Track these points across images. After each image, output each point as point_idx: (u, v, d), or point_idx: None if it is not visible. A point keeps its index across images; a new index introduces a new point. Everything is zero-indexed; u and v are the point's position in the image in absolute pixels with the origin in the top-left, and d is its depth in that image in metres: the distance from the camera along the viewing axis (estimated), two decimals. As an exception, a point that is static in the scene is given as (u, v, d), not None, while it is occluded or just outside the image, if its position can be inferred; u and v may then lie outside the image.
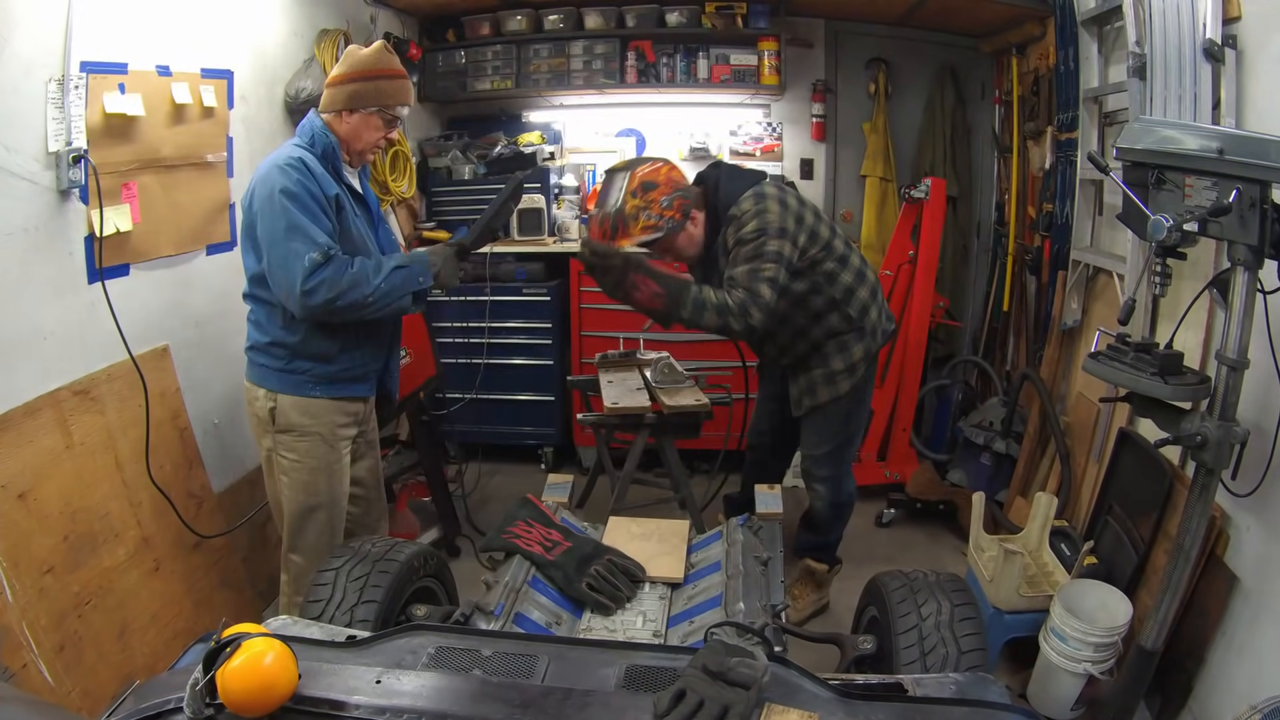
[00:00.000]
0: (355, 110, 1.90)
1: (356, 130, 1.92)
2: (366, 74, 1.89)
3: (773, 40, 3.57)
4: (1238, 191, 1.44)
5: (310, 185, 1.81)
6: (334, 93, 1.91)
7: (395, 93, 1.93)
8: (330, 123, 1.91)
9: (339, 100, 1.90)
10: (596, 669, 1.18)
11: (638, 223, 2.10)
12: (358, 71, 1.89)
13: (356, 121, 1.91)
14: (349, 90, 1.89)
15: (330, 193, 1.86)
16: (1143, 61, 2.11)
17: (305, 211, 1.80)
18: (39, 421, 1.83)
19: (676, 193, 2.13)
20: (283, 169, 1.81)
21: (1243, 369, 1.57)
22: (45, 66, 1.82)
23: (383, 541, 1.77)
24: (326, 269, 1.79)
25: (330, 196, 1.86)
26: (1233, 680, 1.80)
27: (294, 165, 1.81)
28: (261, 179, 1.84)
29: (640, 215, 2.10)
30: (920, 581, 1.62)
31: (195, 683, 0.98)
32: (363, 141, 1.94)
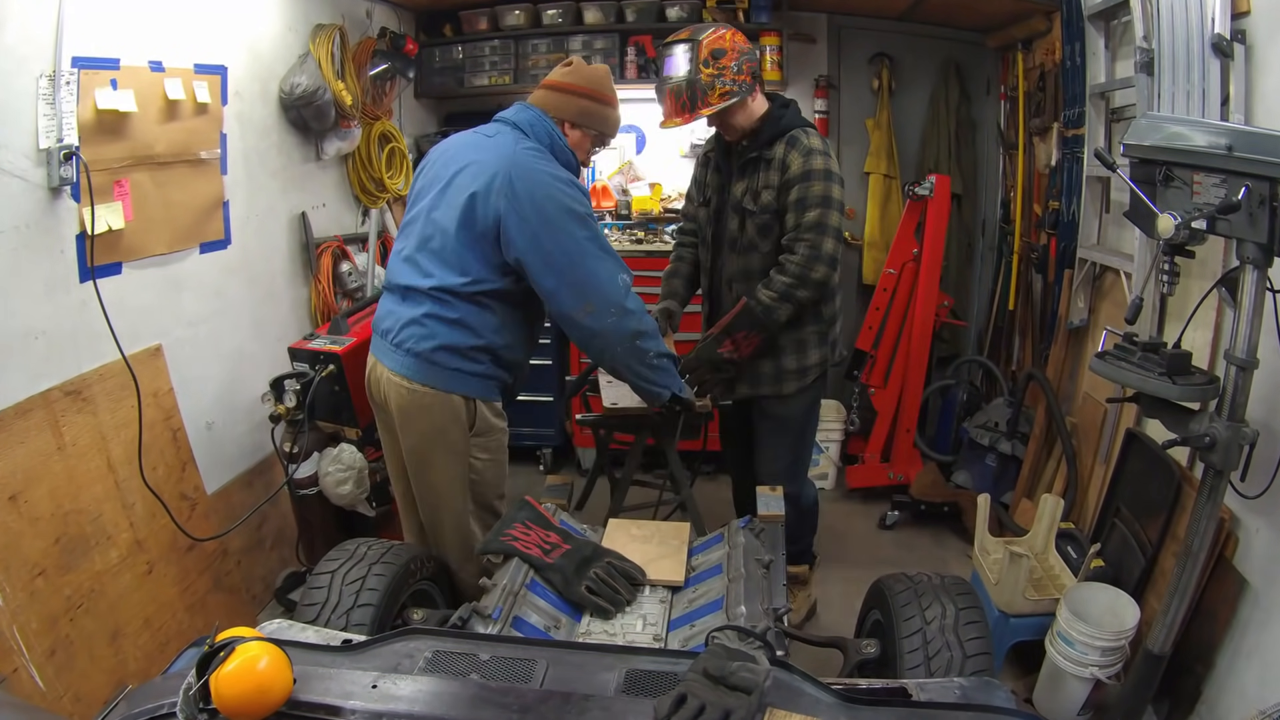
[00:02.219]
0: (578, 127, 1.92)
1: (577, 145, 1.93)
2: (599, 96, 1.93)
3: (775, 35, 3.55)
4: (1247, 188, 1.43)
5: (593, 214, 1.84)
6: (562, 100, 1.90)
7: (615, 123, 2.01)
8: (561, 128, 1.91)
9: (568, 111, 1.90)
10: (596, 673, 1.17)
11: (715, 90, 2.06)
12: (592, 89, 1.92)
13: (577, 138, 1.93)
14: (581, 106, 1.91)
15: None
16: (1150, 57, 2.09)
17: (600, 232, 1.84)
18: (30, 422, 1.81)
19: (743, 56, 2.09)
20: (574, 185, 1.81)
21: (1252, 369, 1.56)
22: (36, 61, 1.80)
23: (379, 544, 1.76)
24: (633, 297, 1.84)
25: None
26: (1242, 684, 1.78)
27: (579, 187, 1.83)
28: (542, 189, 1.76)
29: (716, 83, 2.06)
30: (924, 584, 1.61)
31: (188, 687, 0.97)
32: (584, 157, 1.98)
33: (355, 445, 2.49)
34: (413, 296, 1.87)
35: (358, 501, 2.51)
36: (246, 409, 2.53)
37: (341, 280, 3.03)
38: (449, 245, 1.82)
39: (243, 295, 2.58)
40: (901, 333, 3.26)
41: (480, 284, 1.83)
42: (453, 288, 1.83)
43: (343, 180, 3.15)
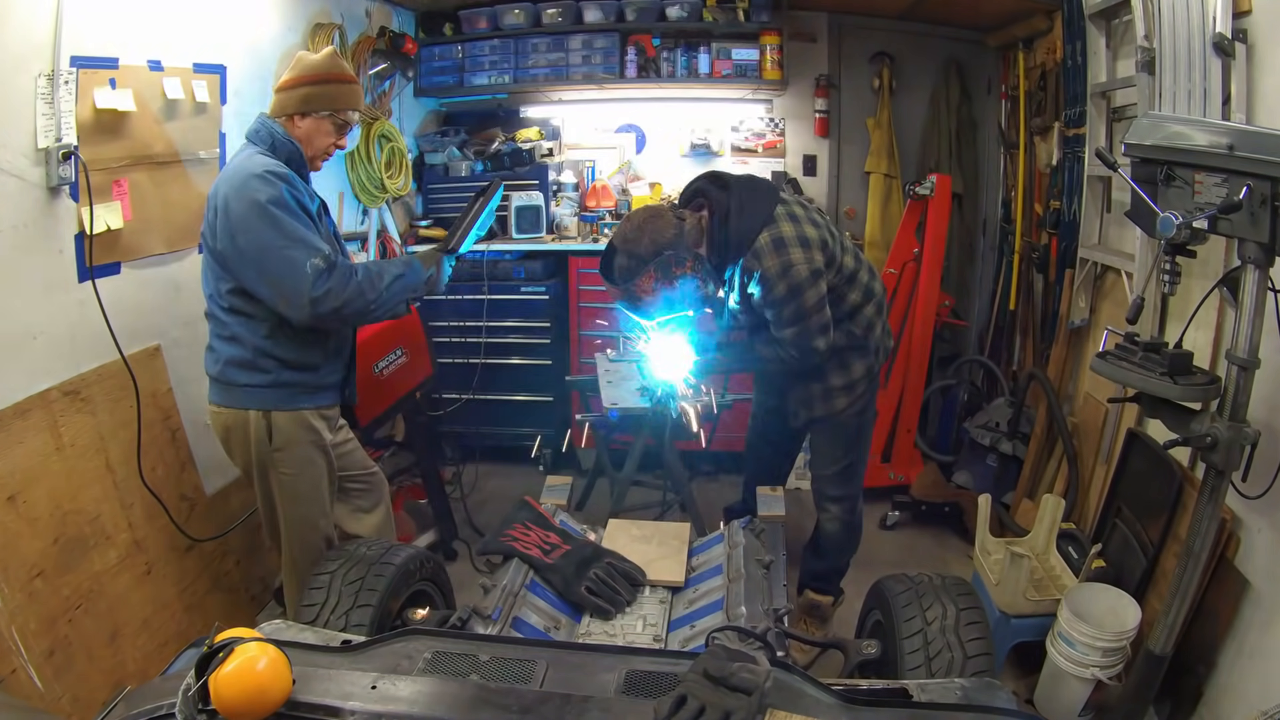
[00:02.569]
0: (307, 114, 1.87)
1: (309, 135, 1.89)
2: (318, 78, 1.86)
3: (775, 34, 3.54)
4: (1248, 188, 1.42)
5: (294, 192, 1.79)
6: (285, 97, 1.87)
7: (347, 97, 1.91)
8: (284, 126, 1.87)
9: (290, 104, 1.86)
10: (596, 674, 1.17)
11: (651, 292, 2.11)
12: (309, 75, 1.86)
13: (309, 126, 1.88)
14: (301, 94, 1.86)
15: (311, 203, 1.84)
16: (1151, 56, 2.09)
17: (297, 219, 1.77)
18: (29, 422, 1.81)
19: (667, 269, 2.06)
20: (263, 178, 1.76)
21: (1253, 369, 1.55)
22: (35, 61, 1.80)
23: (378, 544, 1.75)
24: (331, 277, 1.77)
25: (312, 206, 1.85)
26: (1244, 685, 1.78)
27: (274, 174, 1.77)
28: (236, 190, 1.75)
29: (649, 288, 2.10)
30: (925, 585, 1.61)
31: (187, 688, 0.97)
32: (314, 147, 1.91)
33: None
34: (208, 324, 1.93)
35: (357, 502, 2.50)
36: (246, 409, 2.52)
37: (341, 280, 3.01)
38: (206, 265, 1.88)
39: (242, 295, 2.57)
40: (902, 333, 3.25)
41: (232, 294, 1.84)
42: (217, 306, 1.87)
43: (342, 180, 3.15)
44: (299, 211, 1.79)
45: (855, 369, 2.22)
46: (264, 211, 1.74)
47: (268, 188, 1.75)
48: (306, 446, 1.95)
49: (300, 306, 1.76)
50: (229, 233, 1.77)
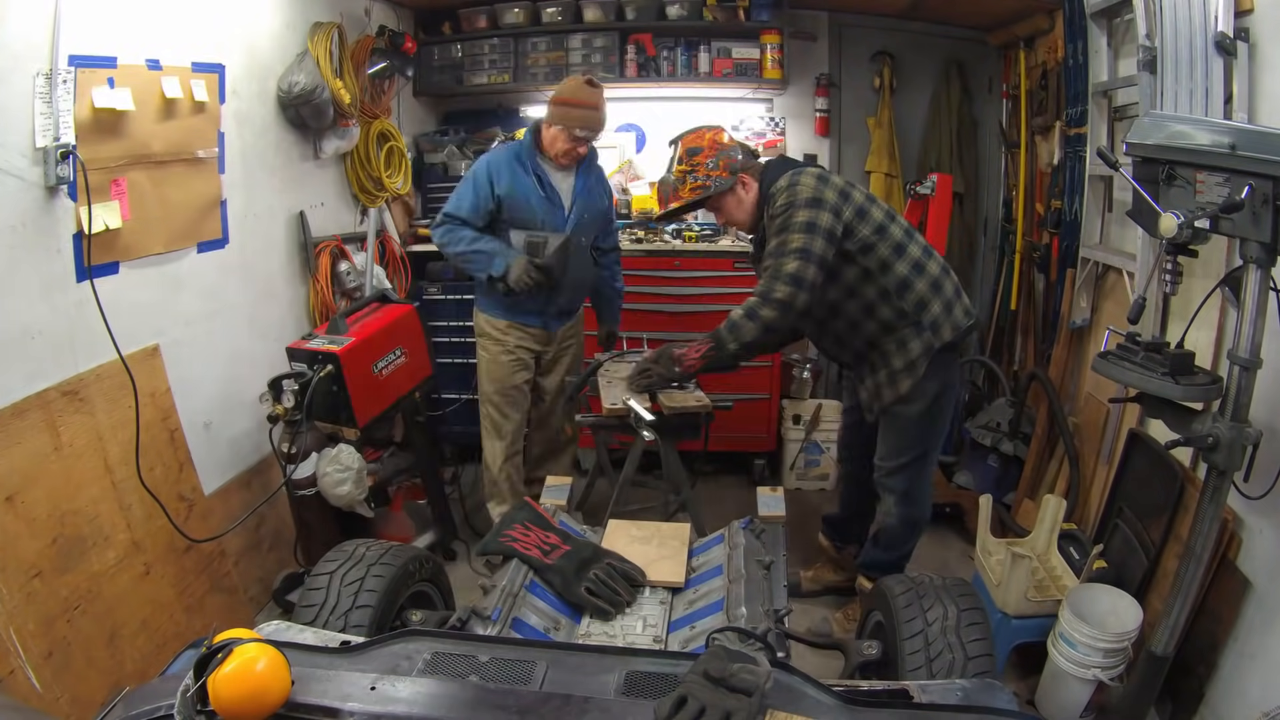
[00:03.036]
0: (552, 125, 2.58)
1: (552, 139, 2.60)
2: (563, 100, 2.55)
3: (775, 33, 3.53)
4: (1250, 187, 1.42)
5: (484, 174, 2.60)
6: (549, 109, 2.59)
7: (578, 119, 2.55)
8: (541, 128, 2.62)
9: (548, 114, 2.59)
10: (596, 675, 1.16)
11: (685, 185, 2.24)
12: (559, 96, 2.57)
13: (553, 133, 2.59)
14: (551, 109, 2.58)
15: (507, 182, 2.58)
16: (1153, 55, 2.08)
17: (472, 184, 2.60)
18: (27, 423, 1.80)
19: (721, 154, 2.21)
20: (486, 158, 2.67)
21: (1255, 369, 1.55)
22: (33, 60, 1.79)
23: (378, 545, 1.75)
24: (440, 229, 2.63)
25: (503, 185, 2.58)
26: (1245, 686, 1.78)
27: (490, 159, 2.65)
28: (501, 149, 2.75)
29: (686, 179, 2.24)
30: (926, 586, 1.61)
31: (186, 689, 0.97)
32: (555, 148, 2.60)
33: (354, 446, 2.48)
34: None
35: (356, 502, 2.50)
36: (244, 409, 2.52)
37: (340, 280, 3.02)
38: None
39: (240, 295, 2.57)
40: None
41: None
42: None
43: (341, 179, 3.14)
44: (477, 181, 2.59)
45: (913, 348, 2.16)
46: (472, 166, 2.74)
47: (481, 163, 2.65)
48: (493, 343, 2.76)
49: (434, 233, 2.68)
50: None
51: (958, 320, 2.20)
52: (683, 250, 3.39)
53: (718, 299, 3.20)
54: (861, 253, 2.11)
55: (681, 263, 3.37)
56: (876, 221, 2.11)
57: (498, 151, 2.68)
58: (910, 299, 2.14)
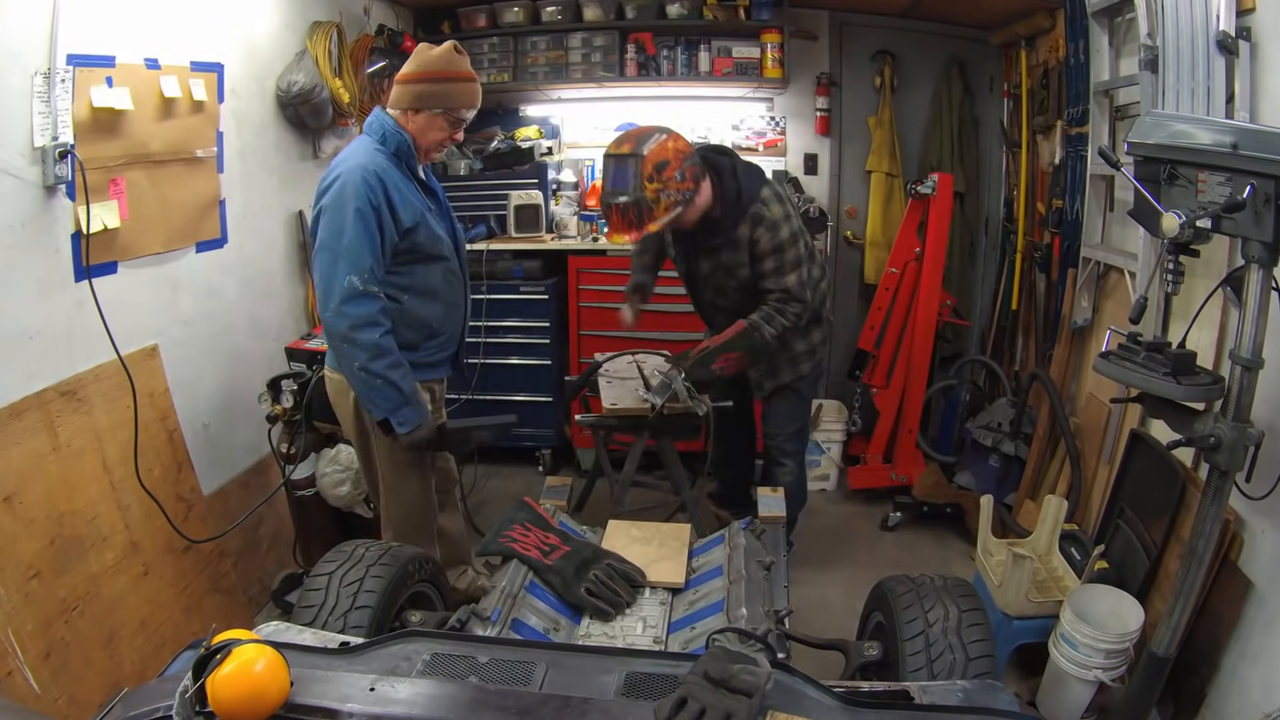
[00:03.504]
0: (420, 110, 1.91)
1: (422, 130, 1.94)
2: (434, 75, 1.91)
3: (776, 32, 3.52)
4: (1252, 187, 1.41)
5: (379, 203, 1.84)
6: (401, 91, 1.92)
7: (461, 95, 1.94)
8: (399, 120, 1.93)
9: (405, 99, 1.92)
10: (595, 676, 1.16)
11: (660, 205, 2.14)
12: (426, 72, 1.91)
13: (422, 121, 1.93)
14: (416, 90, 1.90)
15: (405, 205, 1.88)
16: (1155, 54, 2.07)
17: (366, 233, 1.82)
18: (25, 423, 1.80)
19: (686, 162, 2.17)
20: (364, 181, 1.82)
21: (1257, 369, 1.54)
22: (31, 59, 1.79)
23: (377, 545, 1.74)
24: (363, 306, 1.83)
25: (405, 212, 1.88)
26: (1247, 687, 1.77)
27: (371, 181, 1.83)
28: (342, 178, 1.84)
29: (661, 198, 2.13)
30: (927, 586, 1.60)
31: (184, 690, 0.97)
32: (427, 141, 1.96)
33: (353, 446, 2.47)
34: None
35: (355, 503, 2.50)
36: (243, 409, 2.52)
37: (340, 279, 3.00)
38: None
39: (239, 295, 2.56)
40: (904, 332, 3.24)
41: None
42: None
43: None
44: (372, 225, 1.83)
45: (814, 335, 2.51)
46: (344, 212, 1.81)
47: (361, 191, 1.82)
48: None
49: (322, 310, 1.87)
50: (317, 216, 1.88)
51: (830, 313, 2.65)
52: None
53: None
54: None
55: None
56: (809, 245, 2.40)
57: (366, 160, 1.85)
58: (819, 295, 2.45)
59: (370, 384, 1.88)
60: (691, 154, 2.20)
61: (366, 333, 1.84)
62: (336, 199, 1.82)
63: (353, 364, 1.87)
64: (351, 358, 1.86)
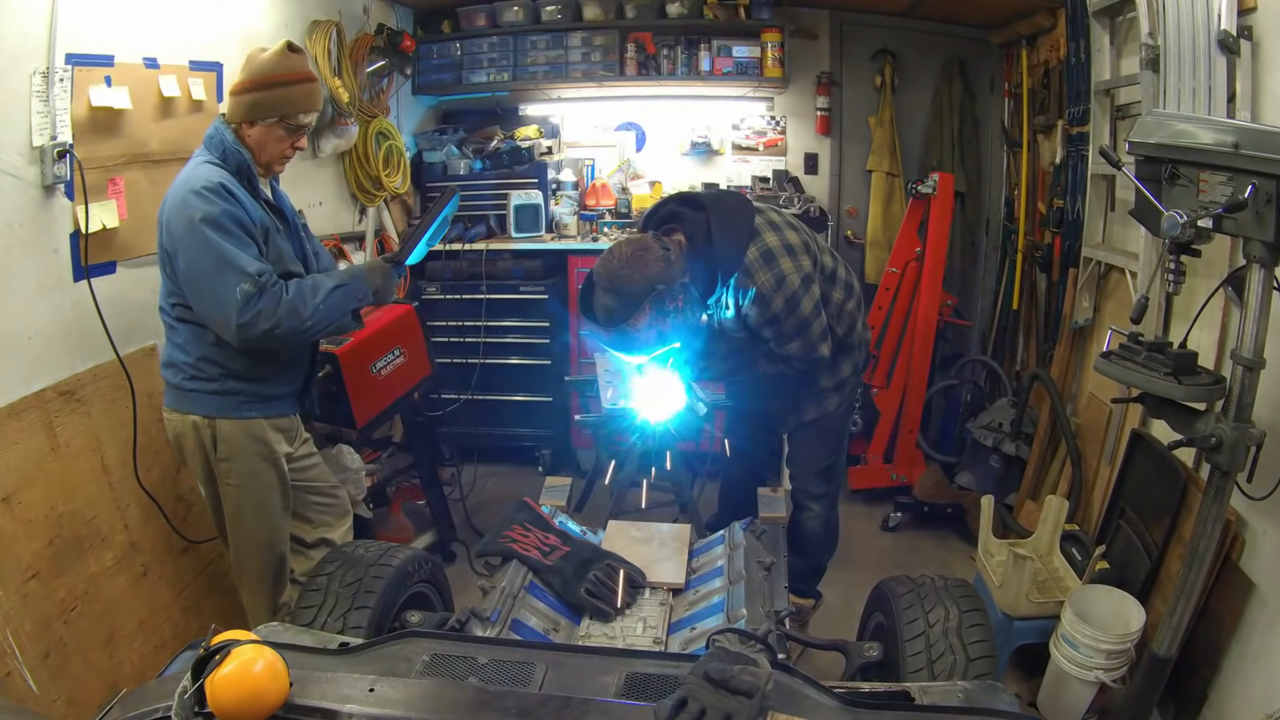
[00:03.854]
0: (255, 122, 1.78)
1: (260, 142, 1.80)
2: (264, 81, 1.75)
3: (776, 32, 3.52)
4: (1253, 186, 1.41)
5: (233, 209, 1.71)
6: (234, 103, 1.78)
7: (297, 100, 1.79)
8: (238, 133, 1.79)
9: (239, 112, 1.77)
10: (595, 676, 1.17)
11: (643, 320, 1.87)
12: (255, 79, 1.76)
13: (259, 133, 1.79)
14: (247, 101, 1.76)
15: (255, 216, 1.77)
16: (1156, 53, 2.07)
17: (231, 239, 1.69)
18: (23, 423, 1.80)
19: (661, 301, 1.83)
20: (201, 194, 1.68)
21: (1259, 369, 1.54)
22: (30, 58, 1.79)
23: (376, 546, 1.74)
24: (261, 299, 1.70)
25: (255, 220, 1.76)
26: (1249, 688, 1.77)
27: (213, 190, 1.69)
28: (177, 206, 1.71)
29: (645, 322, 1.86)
30: (927, 587, 1.60)
31: (184, 691, 0.97)
32: (268, 154, 1.82)
33: (353, 446, 2.47)
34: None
35: (355, 503, 2.49)
36: (243, 409, 2.51)
37: (339, 279, 2.99)
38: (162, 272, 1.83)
39: (239, 294, 2.55)
40: (904, 332, 3.24)
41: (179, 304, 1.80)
42: (164, 311, 1.84)
43: (339, 178, 3.13)
44: (234, 229, 1.70)
45: (843, 368, 2.18)
46: (197, 232, 1.67)
47: (205, 205, 1.68)
48: (253, 459, 1.88)
49: (230, 331, 1.71)
50: (170, 250, 1.74)
51: (866, 336, 2.29)
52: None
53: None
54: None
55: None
56: (821, 262, 2.04)
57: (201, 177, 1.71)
58: (844, 321, 2.12)
59: (325, 315, 1.79)
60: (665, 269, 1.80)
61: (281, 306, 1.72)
62: (185, 224, 1.68)
63: (300, 332, 1.77)
64: (294, 329, 1.75)
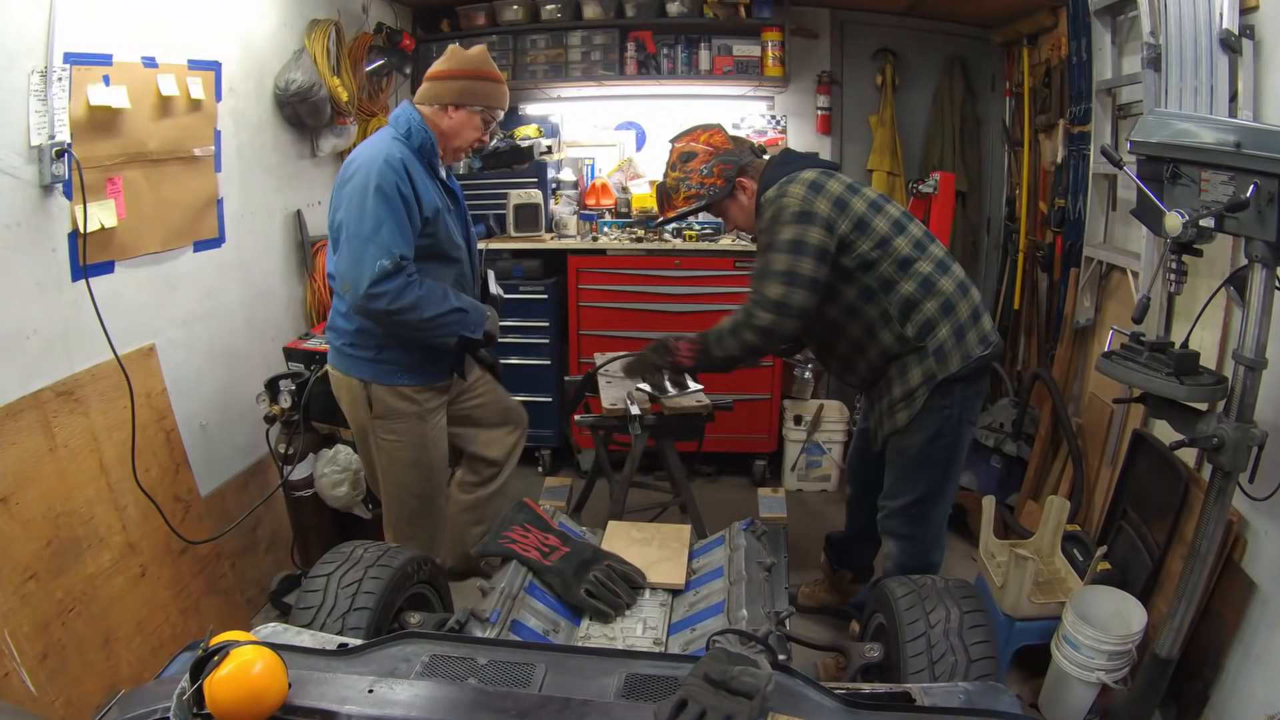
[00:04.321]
0: (461, 106, 1.92)
1: (458, 127, 1.93)
2: (476, 73, 1.93)
3: (776, 30, 3.51)
4: (1255, 186, 1.41)
5: (405, 189, 1.82)
6: (439, 86, 1.92)
7: (499, 96, 1.98)
8: (430, 116, 1.92)
9: (446, 94, 1.91)
10: (595, 678, 1.16)
11: (679, 194, 2.09)
12: (468, 69, 1.93)
13: (460, 118, 1.93)
14: (458, 86, 1.91)
15: (427, 196, 1.88)
16: (1158, 52, 2.07)
17: (393, 215, 1.80)
18: (21, 423, 1.79)
19: (716, 159, 2.04)
20: (386, 165, 1.81)
21: (1261, 369, 1.54)
22: (28, 57, 1.78)
23: (375, 546, 1.74)
24: (395, 280, 1.81)
25: (426, 200, 1.87)
26: (1251, 689, 1.76)
27: (395, 166, 1.81)
28: (363, 165, 1.83)
29: (681, 186, 2.08)
30: (928, 588, 1.60)
31: (182, 692, 0.97)
32: (461, 139, 1.96)
33: (351, 446, 2.47)
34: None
35: (354, 503, 2.49)
36: (241, 410, 2.51)
37: (338, 279, 2.99)
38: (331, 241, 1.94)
39: (237, 294, 2.55)
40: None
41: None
42: (332, 280, 1.96)
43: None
44: (399, 206, 1.81)
45: (913, 375, 1.94)
46: (367, 195, 1.79)
47: (384, 173, 1.80)
48: (406, 419, 2.03)
49: (354, 295, 1.83)
50: (336, 205, 1.87)
51: (969, 348, 1.93)
52: (683, 250, 3.37)
53: (718, 299, 3.19)
54: (861, 269, 1.91)
55: (682, 262, 3.35)
56: (880, 234, 1.90)
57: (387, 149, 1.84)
58: (915, 321, 1.91)
59: (439, 326, 1.91)
60: (728, 152, 2.03)
61: (407, 296, 1.83)
62: (359, 186, 1.81)
63: (413, 326, 1.88)
64: (407, 322, 1.87)
